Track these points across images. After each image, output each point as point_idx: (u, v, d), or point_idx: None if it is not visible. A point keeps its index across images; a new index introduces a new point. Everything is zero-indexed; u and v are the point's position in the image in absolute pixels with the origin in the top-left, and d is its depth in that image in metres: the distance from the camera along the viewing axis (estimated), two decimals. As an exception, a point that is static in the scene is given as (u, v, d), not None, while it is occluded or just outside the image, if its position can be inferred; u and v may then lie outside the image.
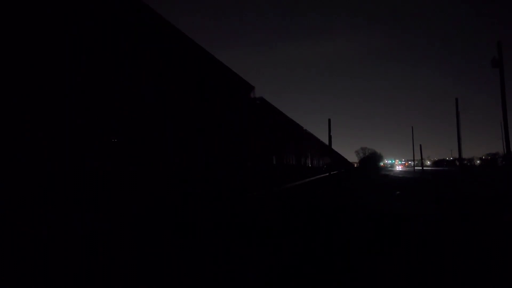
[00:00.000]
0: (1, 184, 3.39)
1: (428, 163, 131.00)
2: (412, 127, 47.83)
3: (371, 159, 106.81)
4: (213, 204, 6.86)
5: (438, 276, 3.11)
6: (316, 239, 4.51)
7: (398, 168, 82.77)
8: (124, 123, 5.01)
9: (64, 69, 3.94)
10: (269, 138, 12.59)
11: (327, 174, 25.20)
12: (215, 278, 3.07)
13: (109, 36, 4.88)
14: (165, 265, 3.49)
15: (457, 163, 34.35)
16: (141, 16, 5.73)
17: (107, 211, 4.51)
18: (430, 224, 5.58)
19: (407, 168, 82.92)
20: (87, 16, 4.38)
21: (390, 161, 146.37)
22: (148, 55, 5.80)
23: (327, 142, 33.16)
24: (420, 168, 39.88)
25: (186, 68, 7.41)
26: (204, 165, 7.64)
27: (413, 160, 55.28)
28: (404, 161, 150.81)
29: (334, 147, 40.87)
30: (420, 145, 35.03)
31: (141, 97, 5.51)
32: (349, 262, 3.51)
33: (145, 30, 5.83)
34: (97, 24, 4.59)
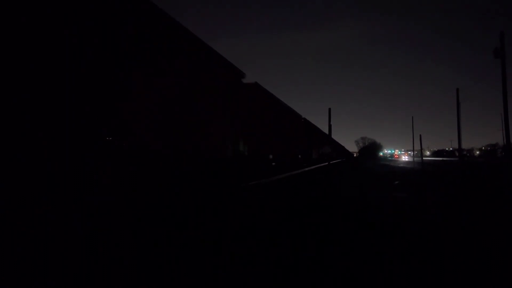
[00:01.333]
0: (1, 184, 3.38)
1: (428, 153, 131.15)
2: (412, 117, 47.79)
3: (370, 149, 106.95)
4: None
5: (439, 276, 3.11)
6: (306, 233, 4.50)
7: (405, 158, 71.84)
8: (122, 122, 4.98)
9: (64, 69, 3.90)
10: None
11: (325, 164, 25.03)
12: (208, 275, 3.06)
13: (108, 35, 4.82)
14: (162, 261, 3.48)
15: (457, 154, 34.36)
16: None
17: (107, 210, 4.52)
18: (432, 225, 5.57)
19: (408, 158, 78.58)
20: (87, 16, 4.32)
21: (390, 151, 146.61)
22: (148, 54, 5.74)
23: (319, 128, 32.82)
24: (420, 158, 39.94)
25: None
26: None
27: (413, 150, 55.28)
28: (403, 151, 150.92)
29: (334, 136, 40.22)
30: (420, 135, 34.91)
31: (137, 95, 5.47)
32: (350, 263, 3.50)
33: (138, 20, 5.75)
34: (97, 24, 4.53)
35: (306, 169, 20.76)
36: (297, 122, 21.00)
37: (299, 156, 20.50)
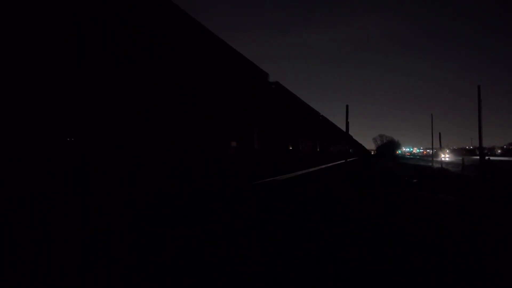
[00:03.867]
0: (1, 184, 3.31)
1: (447, 151, 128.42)
2: (431, 114, 46.74)
3: (388, 147, 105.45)
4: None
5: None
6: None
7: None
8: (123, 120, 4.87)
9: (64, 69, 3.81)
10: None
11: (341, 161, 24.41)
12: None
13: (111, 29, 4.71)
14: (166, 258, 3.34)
15: (477, 152, 33.38)
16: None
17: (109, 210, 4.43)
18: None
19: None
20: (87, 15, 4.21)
21: (408, 149, 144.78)
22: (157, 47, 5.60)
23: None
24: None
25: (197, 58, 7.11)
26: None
27: (432, 149, 54.15)
28: (422, 149, 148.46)
29: (351, 133, 39.15)
30: (440, 133, 34.10)
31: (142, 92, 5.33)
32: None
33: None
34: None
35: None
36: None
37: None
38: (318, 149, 23.99)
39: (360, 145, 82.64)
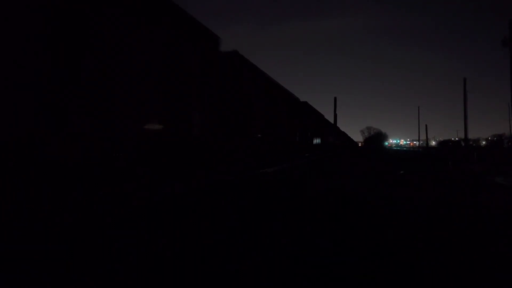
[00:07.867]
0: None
1: (433, 143, 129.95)
2: (418, 107, 47.32)
3: (375, 139, 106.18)
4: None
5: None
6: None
7: None
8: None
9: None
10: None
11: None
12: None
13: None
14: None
15: (463, 144, 33.99)
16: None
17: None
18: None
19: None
20: None
21: (395, 141, 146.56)
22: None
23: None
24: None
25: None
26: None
27: (418, 140, 54.91)
28: (409, 141, 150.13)
29: (339, 125, 39.01)
30: (426, 125, 34.76)
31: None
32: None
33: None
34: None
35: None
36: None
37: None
38: (297, 140, 22.53)
39: (348, 137, 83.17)
